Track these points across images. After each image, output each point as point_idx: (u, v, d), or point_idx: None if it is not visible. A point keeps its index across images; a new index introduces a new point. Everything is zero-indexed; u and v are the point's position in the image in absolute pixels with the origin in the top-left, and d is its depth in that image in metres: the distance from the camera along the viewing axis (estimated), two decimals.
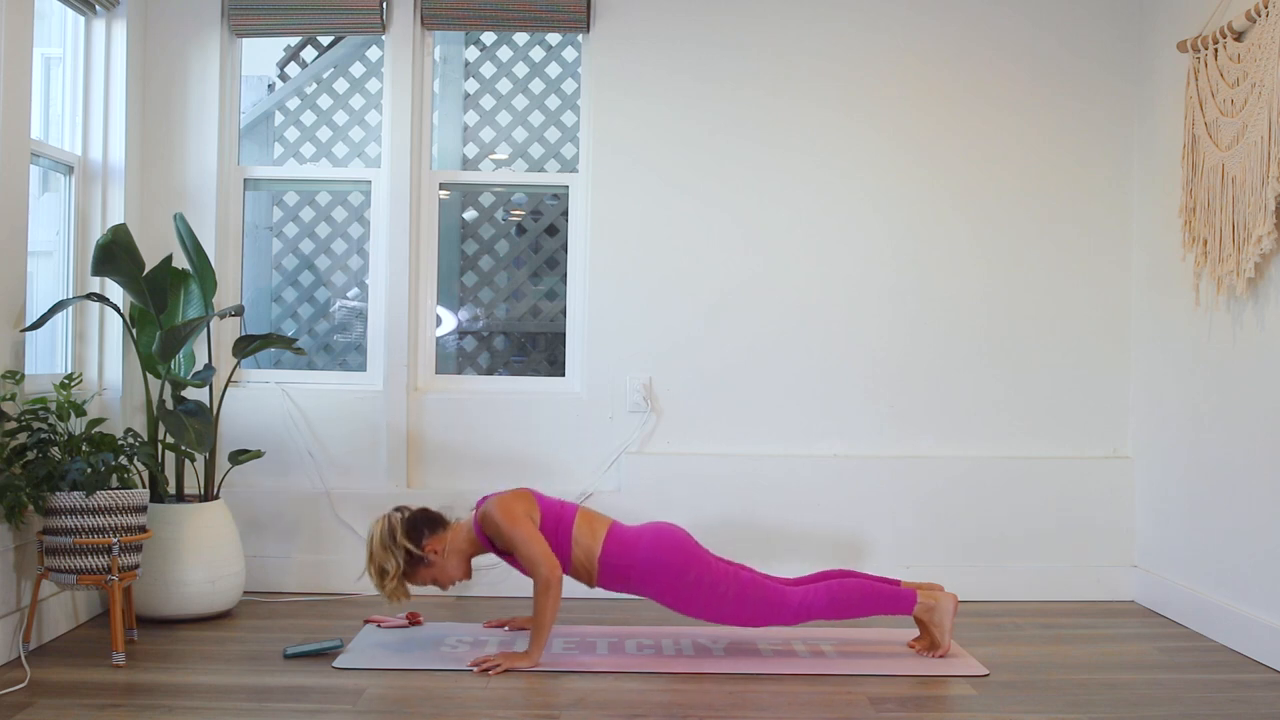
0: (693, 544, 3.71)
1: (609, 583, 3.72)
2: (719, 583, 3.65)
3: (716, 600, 3.65)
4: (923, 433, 4.70)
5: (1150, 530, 4.56)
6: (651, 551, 3.66)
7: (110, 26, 4.41)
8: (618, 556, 3.66)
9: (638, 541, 3.69)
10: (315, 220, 4.98)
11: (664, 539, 3.69)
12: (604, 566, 3.67)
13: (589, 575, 3.71)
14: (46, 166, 4.20)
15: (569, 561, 3.67)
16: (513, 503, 3.66)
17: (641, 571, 3.66)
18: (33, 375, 3.85)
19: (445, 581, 3.73)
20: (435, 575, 3.70)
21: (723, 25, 4.70)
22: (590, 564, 3.68)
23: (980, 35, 4.72)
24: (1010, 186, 4.73)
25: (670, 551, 3.66)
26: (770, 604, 3.66)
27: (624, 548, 3.67)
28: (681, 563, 3.65)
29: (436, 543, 3.68)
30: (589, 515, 3.74)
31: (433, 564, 3.67)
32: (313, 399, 4.66)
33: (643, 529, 3.75)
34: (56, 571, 3.58)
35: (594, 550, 3.67)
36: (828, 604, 3.67)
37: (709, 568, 3.66)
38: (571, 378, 4.78)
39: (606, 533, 3.70)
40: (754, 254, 4.70)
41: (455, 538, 3.71)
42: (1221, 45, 3.94)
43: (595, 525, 3.71)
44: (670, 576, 3.64)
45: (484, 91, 4.99)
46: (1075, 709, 3.23)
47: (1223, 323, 4.03)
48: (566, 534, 3.66)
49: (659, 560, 3.65)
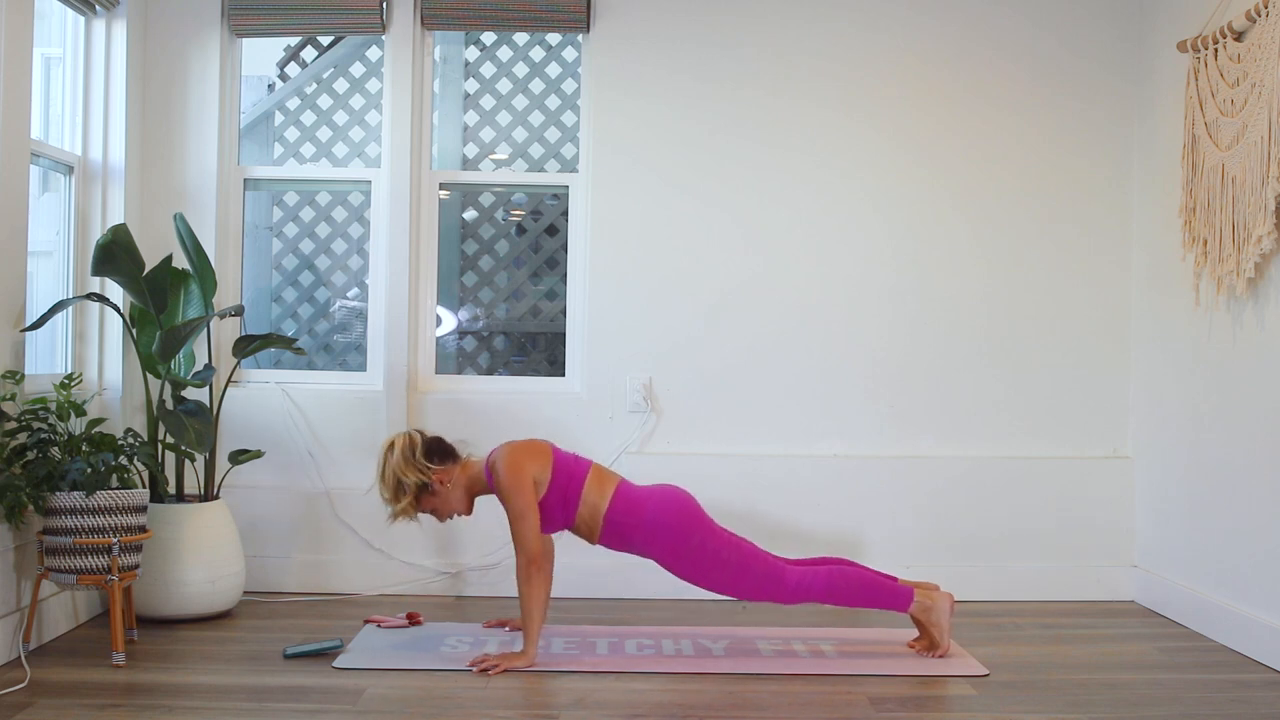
0: (698, 509, 3.72)
1: (611, 540, 3.71)
2: (721, 549, 3.65)
3: (717, 567, 3.65)
4: (923, 433, 4.70)
5: (1150, 530, 4.56)
6: (657, 512, 3.66)
7: (110, 26, 4.41)
8: (623, 514, 3.66)
9: (644, 501, 3.69)
10: (315, 220, 4.98)
11: (670, 501, 3.70)
12: (608, 524, 3.67)
13: (591, 532, 3.71)
14: (46, 166, 4.20)
15: (574, 518, 3.67)
16: (525, 459, 3.64)
17: (646, 531, 3.66)
18: (33, 375, 3.85)
19: (445, 512, 3.72)
20: (436, 505, 3.70)
21: (723, 25, 4.70)
22: (595, 521, 3.68)
23: (980, 35, 4.72)
24: (1010, 186, 4.73)
25: (675, 514, 3.67)
26: (770, 577, 3.66)
27: (630, 506, 3.68)
28: (686, 526, 3.65)
29: (444, 474, 3.67)
30: (600, 472, 3.74)
31: (436, 493, 3.67)
32: (313, 399, 4.66)
33: (650, 490, 3.76)
34: (56, 571, 3.58)
35: (600, 507, 3.67)
36: (826, 587, 3.67)
37: (712, 533, 3.68)
38: (571, 378, 4.78)
39: (614, 490, 3.70)
40: (754, 254, 4.71)
41: (463, 473, 3.72)
42: (1221, 45, 3.94)
43: (604, 483, 3.71)
44: (673, 538, 3.65)
45: (484, 91, 4.99)
46: (1075, 709, 3.23)
47: (1223, 323, 4.03)
48: (577, 491, 3.66)
49: (663, 521, 3.65)
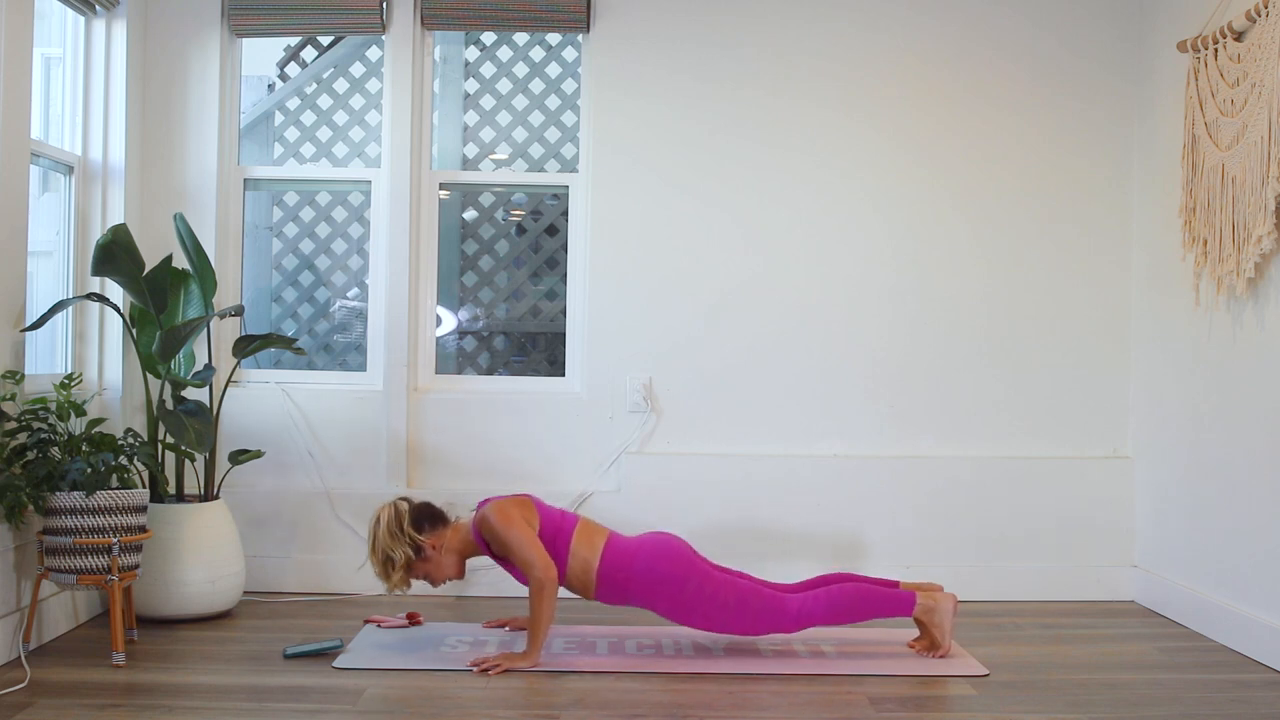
0: (691, 554, 3.70)
1: (607, 596, 3.70)
2: (717, 593, 3.64)
3: (715, 610, 3.64)
4: (923, 433, 4.70)
5: (1150, 530, 4.56)
6: (649, 564, 3.64)
7: (110, 26, 4.41)
8: (615, 569, 3.64)
9: (636, 554, 3.67)
10: (315, 220, 4.98)
11: (662, 551, 3.67)
12: (601, 580, 3.65)
13: (585, 588, 3.68)
14: (46, 166, 4.20)
15: (564, 574, 3.65)
16: (511, 508, 3.65)
17: (640, 584, 3.64)
18: (33, 375, 3.85)
19: (438, 578, 3.73)
20: (429, 570, 3.70)
21: (723, 25, 4.70)
22: (588, 577, 3.66)
23: (980, 35, 4.72)
24: (1010, 186, 4.73)
25: (668, 563, 3.64)
26: (769, 612, 3.64)
27: (622, 560, 3.65)
28: (680, 575, 3.63)
29: (435, 538, 3.68)
30: (589, 527, 3.72)
31: (429, 559, 3.67)
32: (313, 399, 4.66)
33: (641, 540, 3.73)
34: (56, 571, 3.57)
35: (592, 563, 3.65)
36: (827, 610, 3.65)
37: (707, 578, 3.65)
38: (571, 378, 4.78)
39: (604, 545, 3.68)
40: (754, 254, 4.70)
41: (453, 536, 3.72)
42: (1221, 45, 3.94)
43: (594, 537, 3.69)
44: (669, 589, 3.63)
45: (484, 91, 4.99)
46: (1075, 709, 3.22)
47: (1223, 323, 4.03)
48: (565, 545, 3.65)
49: (657, 572, 3.63)
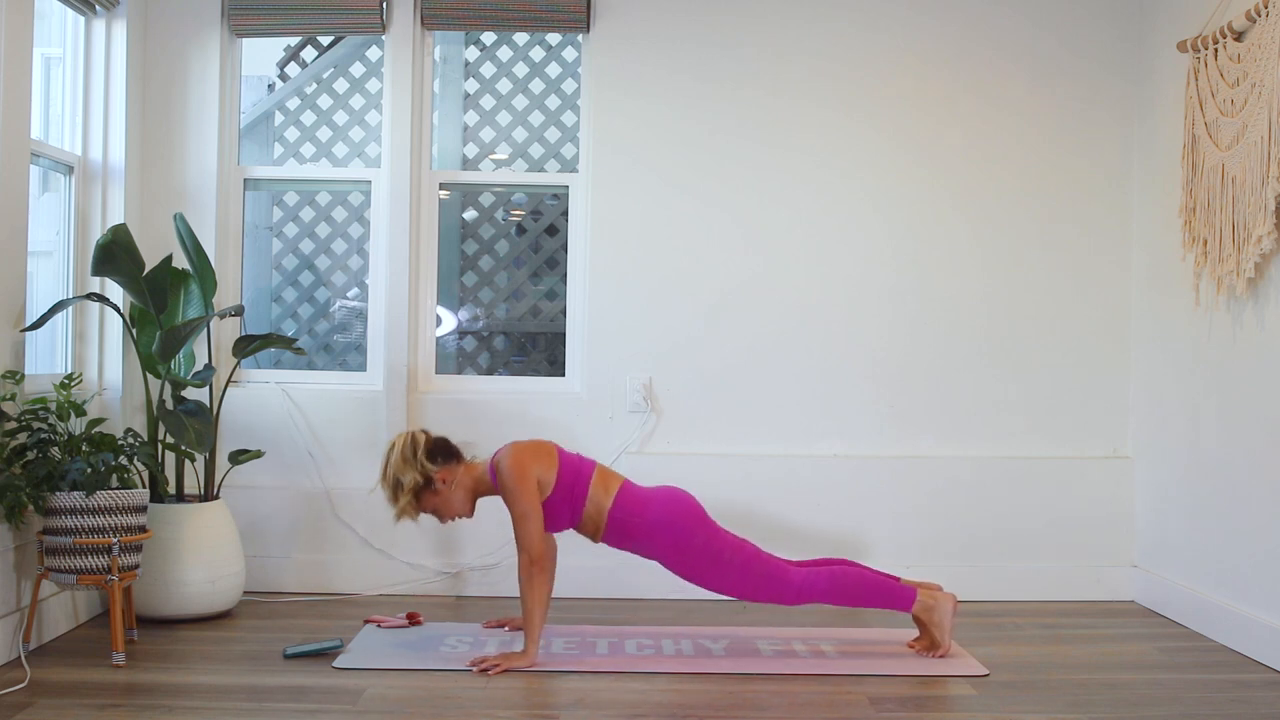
0: (701, 510, 3.73)
1: (614, 539, 3.72)
2: (723, 550, 3.66)
3: (720, 568, 3.66)
4: (923, 433, 4.70)
5: (1150, 530, 4.56)
6: (660, 512, 3.68)
7: (110, 26, 4.41)
8: (627, 513, 3.68)
9: (648, 500, 3.71)
10: (315, 220, 4.98)
11: (674, 501, 3.72)
12: (612, 522, 3.69)
13: (595, 529, 3.72)
14: (46, 166, 4.20)
15: (580, 516, 3.68)
16: (529, 460, 3.65)
17: (648, 531, 3.67)
18: (33, 375, 3.85)
19: (447, 513, 3.73)
20: (438, 505, 3.70)
21: (723, 25, 4.70)
22: (599, 519, 3.69)
23: (980, 35, 4.72)
24: (1010, 186, 4.73)
25: (678, 514, 3.68)
26: (772, 578, 3.66)
27: (634, 505, 3.69)
28: (689, 525, 3.67)
29: (447, 473, 3.68)
30: (605, 472, 3.76)
31: (439, 492, 3.68)
32: (313, 399, 4.66)
33: (654, 490, 3.78)
34: (56, 571, 3.57)
35: (604, 505, 3.68)
36: (829, 587, 3.68)
37: (715, 534, 3.69)
38: (571, 378, 4.78)
39: (619, 489, 3.72)
40: (754, 254, 4.70)
41: (465, 473, 3.72)
42: (1221, 45, 3.94)
43: (609, 483, 3.73)
44: (676, 537, 3.66)
45: (484, 91, 4.99)
46: (1075, 709, 3.22)
47: (1223, 323, 4.02)
48: (583, 490, 3.67)
49: (666, 520, 3.66)
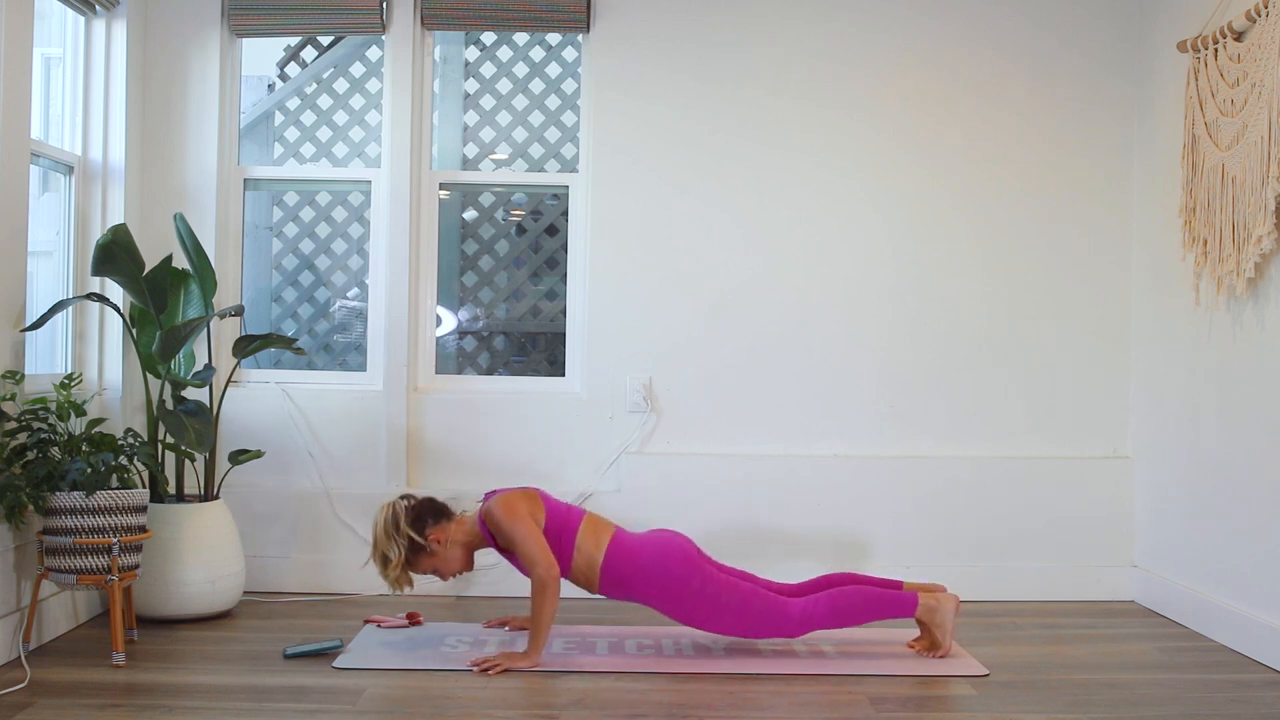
0: (695, 554, 3.71)
1: (610, 590, 3.71)
2: (720, 593, 3.64)
3: (719, 611, 3.65)
4: (923, 433, 4.70)
5: (1150, 530, 4.56)
6: (654, 561, 3.65)
7: (110, 26, 4.41)
8: (620, 565, 3.66)
9: (640, 550, 3.68)
10: (315, 220, 4.98)
11: (666, 549, 3.69)
12: (605, 574, 3.67)
13: (589, 582, 3.70)
14: (46, 166, 4.20)
15: (569, 567, 3.66)
16: (517, 501, 3.66)
17: (643, 581, 3.66)
18: (33, 375, 3.85)
19: (446, 572, 3.74)
20: (436, 565, 3.71)
21: (723, 25, 4.70)
22: (591, 571, 3.67)
23: (980, 35, 4.72)
24: (1010, 186, 4.73)
25: (672, 562, 3.66)
26: (771, 616, 3.65)
27: (626, 556, 3.67)
28: (683, 574, 3.64)
29: (440, 533, 3.69)
30: (594, 522, 3.73)
31: (435, 553, 3.68)
32: (313, 399, 4.66)
33: (646, 537, 3.75)
34: (56, 571, 3.57)
35: (596, 558, 3.66)
36: (830, 614, 3.66)
37: (711, 579, 3.66)
38: (571, 378, 4.78)
39: (610, 540, 3.69)
40: (754, 254, 4.70)
41: (459, 529, 3.73)
42: (1221, 45, 3.94)
43: (600, 533, 3.70)
44: (672, 587, 3.64)
45: (484, 91, 4.99)
46: (1075, 709, 3.23)
47: (1223, 323, 4.02)
48: (570, 539, 3.66)
49: (661, 570, 3.64)
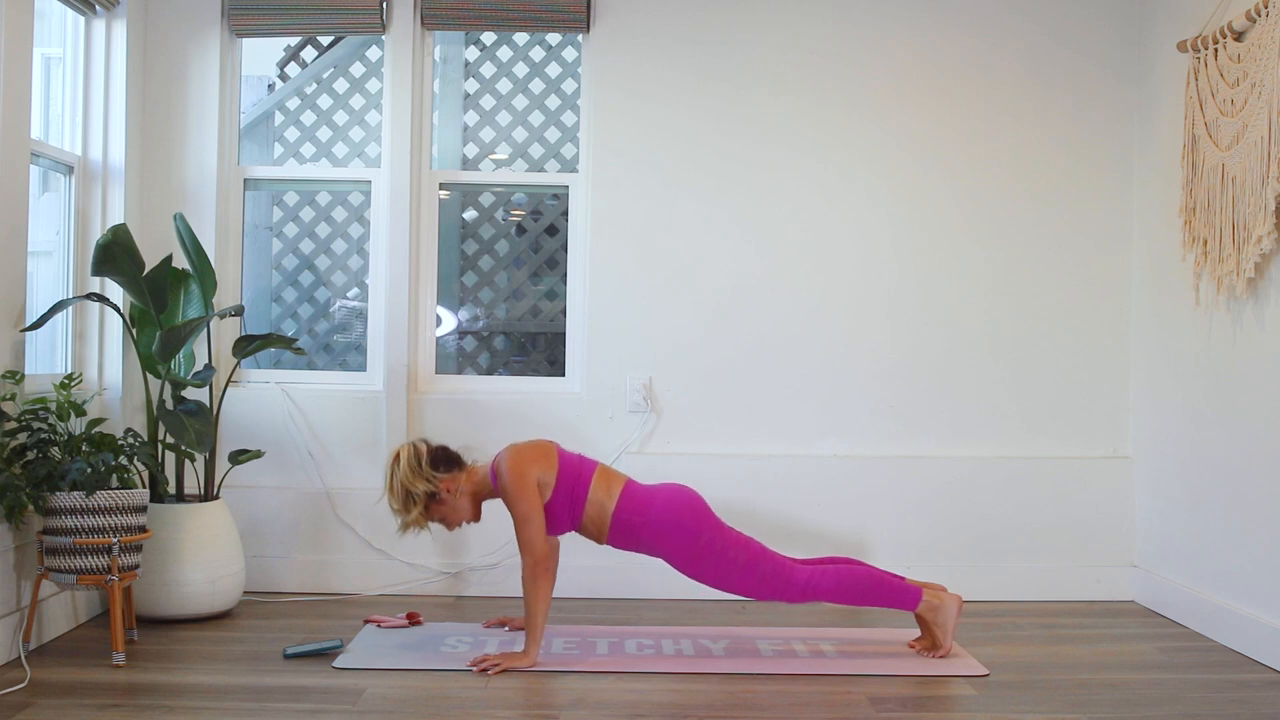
0: (706, 508, 3.72)
1: (619, 540, 3.71)
2: (728, 548, 3.65)
3: (725, 566, 3.65)
4: (923, 433, 4.70)
5: (1150, 530, 4.56)
6: (665, 511, 3.66)
7: (110, 26, 4.41)
8: (631, 514, 3.66)
9: (652, 500, 3.69)
10: (315, 220, 4.98)
11: (678, 500, 3.70)
12: (616, 524, 3.67)
13: (599, 531, 3.70)
14: (46, 166, 4.20)
15: (581, 518, 3.67)
16: (529, 463, 3.64)
17: (654, 530, 3.66)
18: (33, 375, 3.85)
19: (454, 520, 3.73)
20: (445, 513, 3.70)
21: (723, 25, 4.70)
22: (603, 521, 3.67)
23: (980, 35, 4.72)
24: (1010, 186, 4.73)
25: (684, 513, 3.67)
26: (777, 576, 3.65)
27: (638, 505, 3.67)
28: (694, 524, 3.66)
29: (451, 481, 3.68)
30: (607, 473, 3.74)
31: (444, 501, 3.68)
32: (313, 399, 4.66)
33: (658, 488, 3.75)
34: (56, 571, 3.58)
35: (608, 506, 3.67)
36: (834, 586, 3.67)
37: (720, 532, 3.67)
38: (571, 378, 4.78)
39: (622, 490, 3.70)
40: (754, 254, 4.70)
41: (467, 480, 3.72)
42: (1221, 45, 3.94)
43: (612, 483, 3.71)
44: (682, 537, 3.65)
45: (484, 91, 4.99)
46: (1075, 709, 3.23)
47: (1223, 323, 4.02)
48: (583, 492, 3.66)
49: (672, 520, 3.65)
